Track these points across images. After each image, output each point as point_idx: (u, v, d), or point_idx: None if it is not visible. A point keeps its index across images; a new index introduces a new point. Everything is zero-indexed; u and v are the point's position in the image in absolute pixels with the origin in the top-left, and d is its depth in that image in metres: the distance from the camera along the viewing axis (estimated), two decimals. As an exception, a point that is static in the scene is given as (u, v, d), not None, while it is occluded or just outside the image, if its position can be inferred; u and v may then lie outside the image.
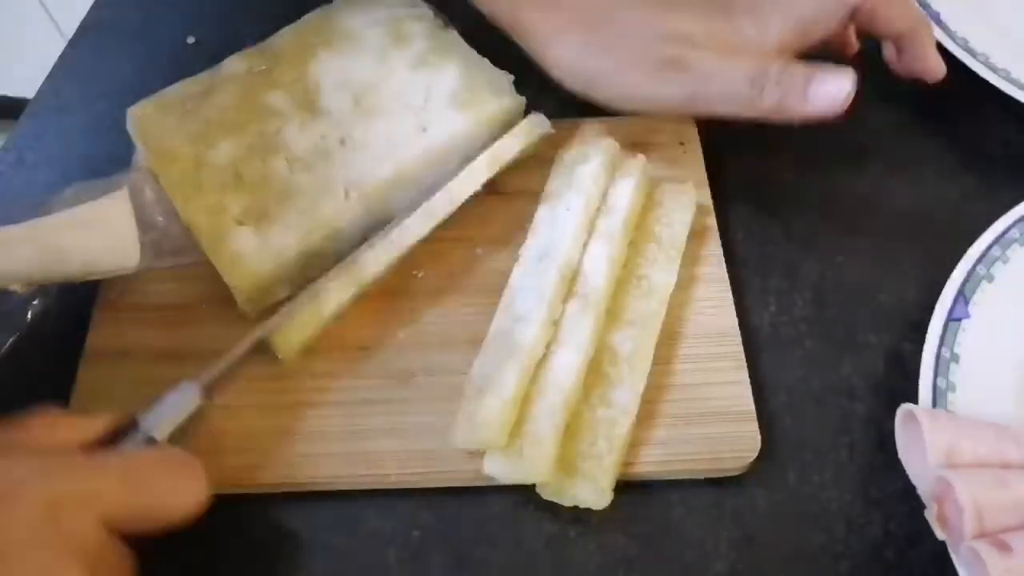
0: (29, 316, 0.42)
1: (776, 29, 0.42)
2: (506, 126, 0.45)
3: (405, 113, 0.43)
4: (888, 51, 0.45)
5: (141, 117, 0.42)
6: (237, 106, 0.42)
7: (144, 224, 0.39)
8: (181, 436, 0.34)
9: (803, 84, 0.39)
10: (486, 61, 0.45)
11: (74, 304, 0.42)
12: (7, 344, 0.41)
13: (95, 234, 0.38)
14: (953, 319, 0.39)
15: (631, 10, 0.42)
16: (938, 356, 0.37)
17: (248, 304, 0.40)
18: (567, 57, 0.42)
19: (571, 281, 0.39)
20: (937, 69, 0.43)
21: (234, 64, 0.44)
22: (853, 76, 0.39)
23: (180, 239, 0.40)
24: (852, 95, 0.38)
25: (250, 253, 0.39)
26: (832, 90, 0.38)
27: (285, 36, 0.45)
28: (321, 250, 0.41)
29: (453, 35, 0.45)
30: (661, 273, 0.40)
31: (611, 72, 0.42)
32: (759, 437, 0.36)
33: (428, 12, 0.46)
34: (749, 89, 0.39)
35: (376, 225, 0.42)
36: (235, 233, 0.39)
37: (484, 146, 0.44)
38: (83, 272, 0.39)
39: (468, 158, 0.44)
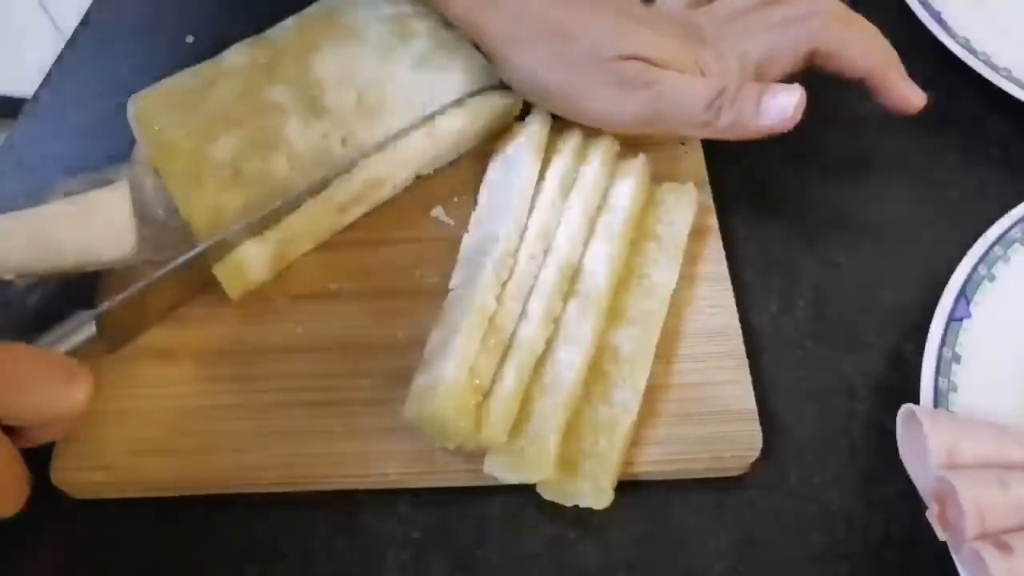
0: (28, 308, 0.42)
1: (734, 66, 0.42)
2: (506, 126, 0.45)
3: (407, 113, 0.43)
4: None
5: (143, 108, 0.42)
6: (238, 100, 0.42)
7: (143, 218, 0.39)
8: None
9: (756, 99, 0.39)
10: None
11: (74, 299, 0.42)
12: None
13: (91, 224, 0.38)
14: (954, 319, 0.39)
15: (593, 26, 0.41)
16: (939, 356, 0.37)
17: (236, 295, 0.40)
18: (525, 69, 0.42)
19: (572, 280, 0.39)
20: (910, 100, 0.42)
21: (235, 55, 0.44)
22: (801, 91, 0.39)
23: (179, 233, 0.40)
24: (802, 108, 0.39)
25: (249, 255, 0.39)
26: (783, 102, 0.39)
27: (287, 27, 0.45)
28: None
29: (456, 33, 0.45)
30: (662, 272, 0.40)
31: (570, 88, 0.41)
32: (760, 437, 0.36)
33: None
34: (705, 112, 0.40)
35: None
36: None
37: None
38: (80, 263, 0.39)
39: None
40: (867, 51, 0.42)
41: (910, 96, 0.42)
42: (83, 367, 0.33)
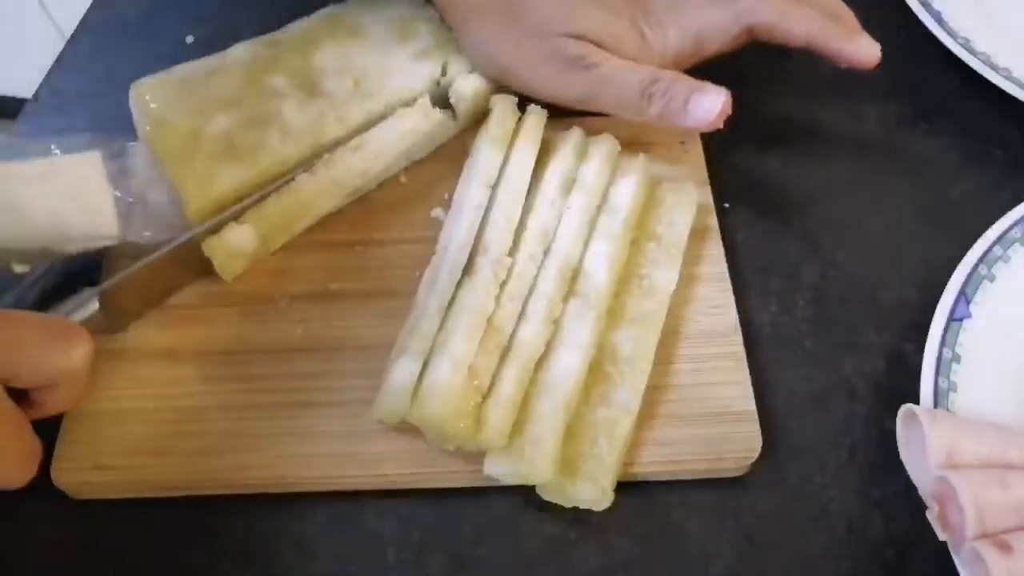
0: (32, 301, 0.42)
1: (674, 42, 0.44)
2: (480, 112, 0.45)
3: (404, 96, 0.43)
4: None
5: (143, 91, 0.42)
6: (239, 86, 0.43)
7: (136, 195, 0.39)
8: None
9: (683, 99, 0.41)
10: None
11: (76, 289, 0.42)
12: None
13: (61, 190, 0.38)
14: (954, 319, 0.39)
15: (545, 2, 0.43)
16: (939, 356, 0.37)
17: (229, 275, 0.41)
18: (478, 40, 0.44)
19: (572, 280, 0.39)
20: (859, 58, 0.42)
21: (240, 51, 0.44)
22: (727, 95, 0.41)
23: (171, 212, 0.40)
24: (725, 114, 0.41)
25: (238, 237, 0.40)
26: (707, 106, 0.40)
27: (293, 29, 0.46)
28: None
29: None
30: (662, 272, 0.40)
31: (520, 65, 0.43)
32: (760, 437, 0.36)
33: (435, 14, 0.46)
34: (639, 99, 0.42)
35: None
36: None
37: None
38: (55, 233, 0.38)
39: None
40: (803, 21, 0.43)
41: (858, 55, 0.42)
42: (80, 328, 0.34)
